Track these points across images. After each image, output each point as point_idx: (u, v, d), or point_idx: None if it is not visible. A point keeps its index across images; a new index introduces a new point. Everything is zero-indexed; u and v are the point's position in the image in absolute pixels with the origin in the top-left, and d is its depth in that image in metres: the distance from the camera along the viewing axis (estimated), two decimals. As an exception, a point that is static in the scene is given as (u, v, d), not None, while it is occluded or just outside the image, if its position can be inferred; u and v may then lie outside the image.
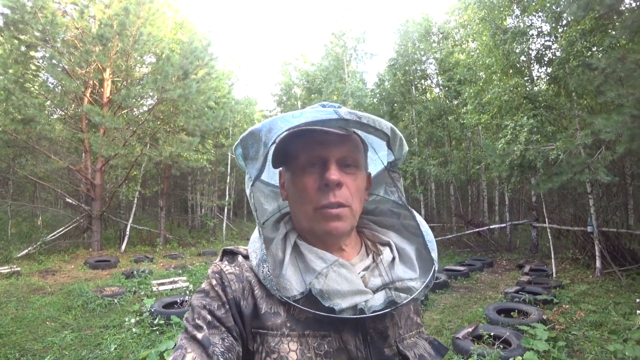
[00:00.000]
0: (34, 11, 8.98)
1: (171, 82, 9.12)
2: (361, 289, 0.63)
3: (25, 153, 10.96)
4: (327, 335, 0.62)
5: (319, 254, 0.65)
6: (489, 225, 11.61)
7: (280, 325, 0.61)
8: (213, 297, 0.63)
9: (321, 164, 0.66)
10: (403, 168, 11.98)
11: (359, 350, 0.63)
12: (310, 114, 0.59)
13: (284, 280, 0.62)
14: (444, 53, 12.83)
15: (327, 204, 0.64)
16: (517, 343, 4.00)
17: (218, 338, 0.58)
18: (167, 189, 13.42)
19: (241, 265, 0.67)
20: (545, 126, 7.27)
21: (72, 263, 9.33)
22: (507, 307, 5.41)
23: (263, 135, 0.61)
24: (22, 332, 4.66)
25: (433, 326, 5.07)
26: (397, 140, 0.68)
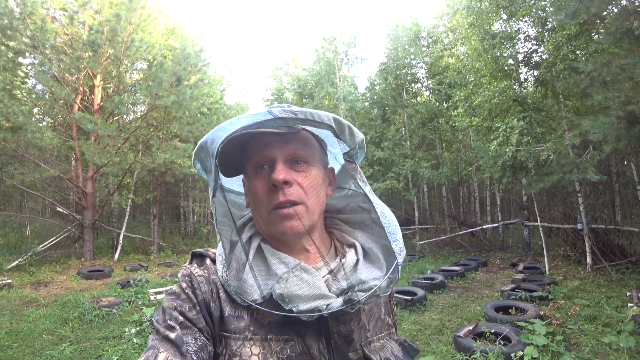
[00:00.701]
0: (23, 17, 8.85)
1: (165, 89, 9.08)
2: (323, 292, 0.62)
3: (14, 161, 10.73)
4: (290, 339, 0.62)
5: (281, 258, 0.65)
6: (481, 226, 11.81)
7: (243, 329, 0.62)
8: (184, 299, 0.63)
9: (269, 165, 0.65)
10: (396, 171, 12.16)
11: (322, 355, 0.62)
12: (245, 119, 0.59)
13: (245, 284, 0.62)
14: (433, 57, 13.06)
15: (278, 204, 0.63)
16: (516, 339, 4.09)
17: (191, 338, 0.59)
18: (159, 197, 13.28)
19: (209, 268, 0.68)
20: (535, 128, 7.48)
21: (64, 274, 9.15)
22: (505, 304, 5.52)
23: (209, 146, 0.62)
24: (18, 347, 4.55)
25: (433, 326, 5.14)
26: (346, 130, 0.67)
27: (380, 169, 12.92)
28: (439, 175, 11.72)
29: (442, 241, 12.16)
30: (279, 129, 0.64)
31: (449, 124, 12.24)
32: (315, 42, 15.22)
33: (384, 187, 11.81)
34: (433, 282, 7.06)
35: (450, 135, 12.63)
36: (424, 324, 5.25)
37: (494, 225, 11.79)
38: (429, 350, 4.31)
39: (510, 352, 3.76)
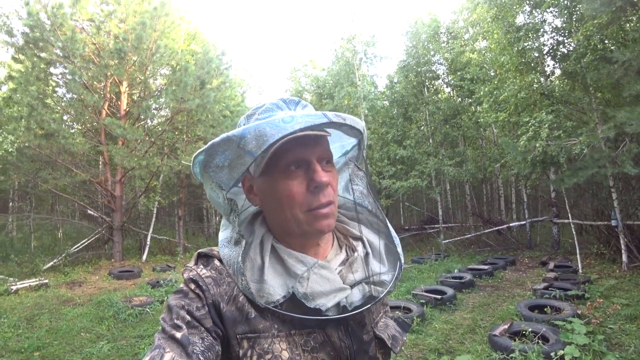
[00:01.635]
0: (54, 29, 9.24)
1: (189, 93, 9.28)
2: (341, 286, 0.65)
3: (47, 167, 11.21)
4: (312, 332, 0.65)
5: (299, 258, 0.66)
6: (508, 224, 11.50)
7: (270, 327, 0.63)
8: (192, 299, 0.63)
9: (304, 166, 0.65)
10: (420, 169, 11.99)
11: (342, 341, 0.66)
12: (302, 119, 0.58)
13: (266, 285, 0.63)
14: (454, 53, 12.82)
15: (319, 205, 0.64)
16: (555, 338, 3.96)
17: (197, 337, 0.59)
18: (184, 198, 13.57)
19: (219, 270, 0.67)
20: (564, 121, 7.23)
21: (96, 274, 9.47)
22: (539, 303, 5.36)
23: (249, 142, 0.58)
24: (59, 344, 4.72)
25: (465, 325, 5.04)
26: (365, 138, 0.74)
27: (403, 167, 12.78)
28: (463, 172, 11.48)
29: (467, 240, 11.91)
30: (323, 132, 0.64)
31: (472, 120, 11.97)
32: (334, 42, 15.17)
33: (408, 185, 11.66)
34: (462, 281, 6.93)
35: (473, 132, 12.34)
36: (455, 323, 5.15)
37: (520, 223, 11.46)
38: (463, 349, 4.23)
39: (550, 351, 3.64)
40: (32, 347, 4.58)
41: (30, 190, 13.74)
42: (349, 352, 0.67)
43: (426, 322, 5.11)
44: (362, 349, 0.69)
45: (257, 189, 0.70)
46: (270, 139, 0.57)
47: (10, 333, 5.06)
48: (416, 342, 4.49)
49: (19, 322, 5.53)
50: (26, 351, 4.48)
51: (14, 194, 15.54)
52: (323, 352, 0.64)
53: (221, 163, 0.62)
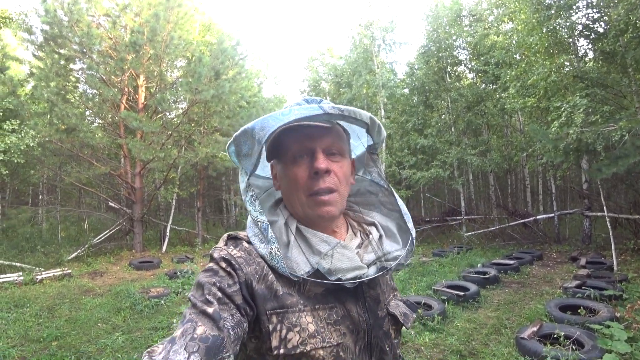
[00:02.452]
0: (71, 25, 9.32)
1: (204, 83, 9.19)
2: (359, 264, 0.72)
3: (70, 161, 11.47)
4: (334, 306, 0.71)
5: (323, 238, 0.72)
6: (535, 216, 10.93)
7: (296, 303, 0.68)
8: (223, 276, 0.66)
9: (310, 155, 0.71)
10: (441, 159, 11.51)
11: (360, 315, 0.73)
12: (298, 111, 0.65)
13: (291, 261, 0.69)
14: (477, 36, 12.15)
15: (318, 190, 0.70)
16: (591, 344, 3.63)
17: (228, 314, 0.61)
18: (202, 190, 13.67)
19: (248, 250, 0.71)
20: (600, 106, 6.65)
21: (117, 264, 9.67)
22: (570, 303, 4.98)
23: (256, 134, 0.67)
24: (76, 334, 4.77)
25: (490, 325, 4.74)
26: (376, 127, 0.77)
27: (424, 157, 12.32)
28: (488, 162, 10.92)
29: (491, 232, 11.43)
30: (324, 123, 0.71)
31: (497, 107, 11.34)
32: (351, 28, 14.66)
33: (429, 175, 11.22)
34: (486, 276, 6.58)
35: (498, 120, 11.70)
36: (479, 322, 4.86)
37: (548, 215, 10.87)
38: (487, 352, 3.95)
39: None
40: (50, 336, 4.64)
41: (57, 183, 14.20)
42: (366, 325, 0.74)
43: (447, 320, 4.85)
44: (377, 323, 0.77)
45: (277, 175, 0.79)
46: (270, 128, 0.65)
47: (32, 322, 5.17)
48: (437, 342, 4.24)
49: (41, 311, 5.65)
50: (45, 340, 4.54)
51: (43, 187, 16.14)
52: (343, 325, 0.71)
53: (246, 152, 0.71)
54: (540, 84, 7.64)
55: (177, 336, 0.57)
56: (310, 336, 0.66)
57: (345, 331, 0.70)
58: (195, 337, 0.57)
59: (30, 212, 12.47)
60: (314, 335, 0.66)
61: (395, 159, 12.61)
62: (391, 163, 12.57)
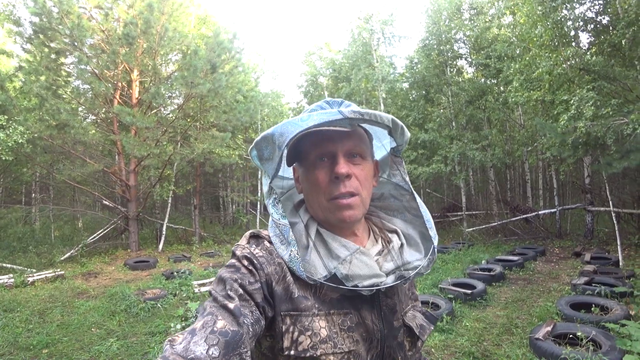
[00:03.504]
0: (61, 16, 8.98)
1: (200, 77, 8.90)
2: (378, 272, 0.71)
3: (62, 159, 11.15)
4: (349, 312, 0.70)
5: (342, 243, 0.72)
6: (537, 211, 10.82)
7: (311, 307, 0.68)
8: (245, 274, 0.66)
9: (330, 158, 0.71)
10: (443, 154, 11.33)
11: (375, 324, 0.73)
12: (317, 117, 0.64)
13: (309, 264, 0.68)
14: (478, 30, 11.95)
15: (339, 195, 0.70)
16: (609, 344, 3.47)
17: (248, 310, 0.62)
18: (199, 187, 13.40)
19: (269, 250, 0.71)
20: (608, 99, 6.50)
21: (112, 264, 9.42)
22: (581, 300, 4.85)
23: (277, 139, 0.67)
24: (68, 340, 4.52)
25: (500, 324, 4.59)
26: (399, 129, 0.74)
27: (425, 152, 12.14)
28: (491, 157, 10.76)
29: (492, 228, 11.31)
30: (345, 127, 0.69)
31: (499, 101, 11.17)
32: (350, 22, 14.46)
33: (430, 171, 11.05)
34: (491, 273, 6.44)
35: (500, 114, 11.53)
36: (488, 321, 4.71)
37: (551, 210, 10.76)
38: (501, 353, 3.79)
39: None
40: (41, 343, 4.41)
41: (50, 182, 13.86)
42: (380, 335, 0.73)
43: (456, 319, 4.69)
44: (392, 333, 0.75)
45: (300, 178, 0.78)
46: (289, 135, 0.65)
47: (21, 328, 4.91)
48: (447, 343, 4.08)
49: (31, 316, 5.40)
50: (35, 348, 4.31)
51: (36, 185, 15.78)
52: (357, 332, 0.70)
53: (267, 156, 0.71)
54: (545, 77, 7.46)
55: (197, 328, 0.58)
56: (322, 341, 0.66)
57: (358, 338, 0.70)
58: (215, 330, 0.57)
59: (23, 211, 12.15)
60: (326, 340, 0.66)
61: (396, 154, 12.41)
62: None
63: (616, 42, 6.78)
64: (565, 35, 7.94)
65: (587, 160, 9.29)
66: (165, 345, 0.56)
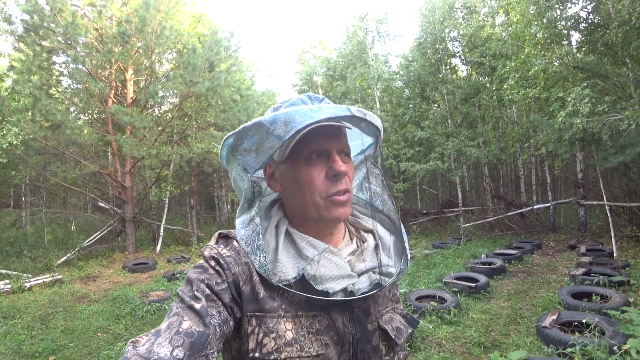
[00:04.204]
0: (53, 14, 8.81)
1: (198, 75, 8.84)
2: (349, 273, 0.69)
3: (55, 160, 10.94)
4: (318, 315, 0.67)
5: (310, 242, 0.70)
6: (532, 206, 11.04)
7: (277, 308, 0.66)
8: (212, 274, 0.65)
9: (325, 155, 0.69)
10: (439, 151, 11.49)
11: (346, 327, 0.69)
12: (328, 110, 0.62)
13: (280, 265, 0.66)
14: (472, 28, 12.12)
15: (337, 192, 0.68)
16: (612, 330, 3.60)
17: (215, 311, 0.61)
18: (196, 187, 13.30)
19: (237, 250, 0.70)
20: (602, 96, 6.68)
21: (110, 267, 9.29)
22: (582, 290, 5.01)
23: (278, 128, 0.62)
24: (74, 346, 4.43)
25: (505, 315, 4.70)
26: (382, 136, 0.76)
27: (422, 149, 12.28)
28: (487, 154, 10.94)
29: (489, 223, 11.50)
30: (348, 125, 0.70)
31: (493, 99, 11.36)
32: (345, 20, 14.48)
33: (428, 168, 11.18)
34: (492, 267, 6.57)
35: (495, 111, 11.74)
36: (494, 313, 4.82)
37: (546, 205, 10.99)
38: (510, 342, 3.89)
39: (611, 345, 3.29)
40: (47, 350, 4.31)
41: (41, 184, 13.57)
42: (352, 338, 0.70)
43: (462, 312, 4.79)
44: (365, 337, 0.72)
45: (279, 175, 0.73)
46: (298, 125, 0.61)
47: (24, 335, 4.79)
48: (456, 335, 4.17)
49: (33, 322, 5.27)
50: (41, 355, 4.21)
51: (26, 188, 15.44)
52: (327, 335, 0.67)
53: (249, 147, 0.67)
54: (540, 75, 7.63)
55: (162, 329, 0.57)
56: (287, 344, 0.64)
57: (328, 342, 0.67)
58: (180, 331, 0.56)
59: (14, 215, 11.88)
60: (291, 343, 0.64)
61: (393, 152, 12.53)
62: (388, 156, 12.49)
63: (608, 41, 6.96)
64: (558, 34, 8.12)
65: (580, 156, 9.52)
66: (127, 347, 0.54)
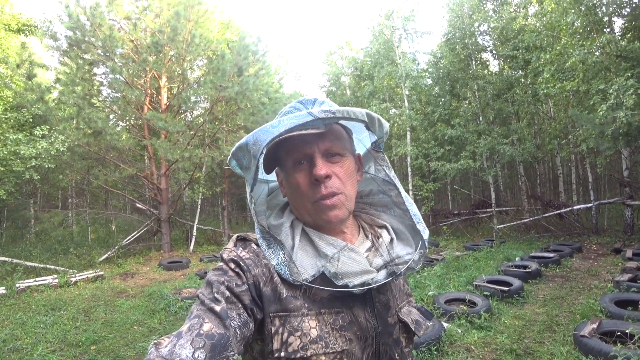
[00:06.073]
0: (93, 29, 9.41)
1: (228, 80, 9.13)
2: (368, 268, 0.70)
3: (97, 164, 11.66)
4: (340, 311, 0.69)
5: (329, 241, 0.71)
6: (571, 206, 10.42)
7: (300, 307, 0.67)
8: (232, 276, 0.66)
9: (309, 161, 0.70)
10: (470, 149, 11.10)
11: (368, 322, 0.71)
12: (287, 121, 0.63)
13: (297, 265, 0.68)
14: (503, 21, 11.62)
15: (321, 197, 0.69)
16: (661, 343, 3.33)
17: (235, 313, 0.62)
18: (227, 189, 13.69)
19: (256, 252, 0.71)
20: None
21: (147, 265, 9.77)
22: (627, 298, 4.65)
23: (250, 148, 0.66)
24: (113, 337, 4.72)
25: (540, 321, 4.47)
26: (375, 122, 0.73)
27: (453, 148, 11.92)
28: (522, 151, 10.42)
29: (524, 224, 10.97)
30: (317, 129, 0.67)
31: (528, 94, 10.81)
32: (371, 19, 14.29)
33: (458, 167, 10.83)
34: (527, 270, 6.27)
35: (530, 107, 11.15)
36: (527, 318, 4.60)
37: (587, 205, 10.33)
38: (544, 351, 3.70)
39: (659, 359, 3.05)
40: (89, 340, 4.62)
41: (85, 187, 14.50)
42: (374, 332, 0.71)
43: (494, 317, 4.61)
44: (386, 330, 0.74)
45: (283, 182, 0.77)
46: (262, 143, 0.64)
47: (69, 325, 5.18)
48: (486, 341, 4.02)
49: (77, 314, 5.69)
50: (83, 344, 4.53)
51: (72, 191, 16.60)
52: (350, 331, 0.68)
53: (246, 165, 0.71)
54: (578, 66, 7.19)
55: (183, 331, 0.58)
56: (312, 341, 0.65)
57: (352, 337, 0.69)
58: (201, 333, 0.57)
59: (61, 216, 12.77)
60: (316, 340, 0.65)
61: (422, 151, 12.25)
62: (417, 155, 12.22)
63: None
64: (599, 21, 7.62)
65: (626, 152, 8.87)
66: (150, 348, 0.55)
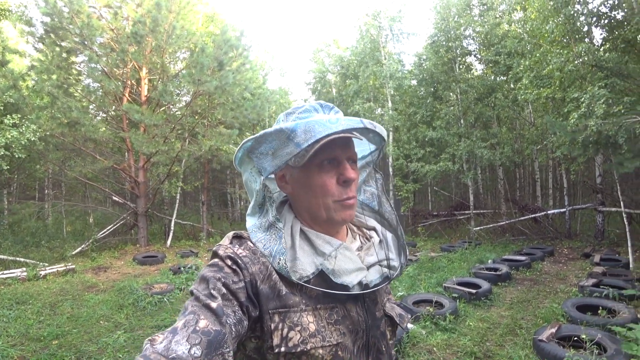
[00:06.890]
0: (71, 16, 9.11)
1: (207, 74, 8.97)
2: (361, 266, 0.76)
3: (74, 155, 11.36)
4: (335, 306, 0.73)
5: (326, 239, 0.75)
6: (546, 211, 10.66)
7: (299, 303, 0.69)
8: (228, 273, 0.67)
9: (336, 162, 0.74)
10: (450, 152, 11.22)
11: (360, 316, 0.76)
12: (345, 122, 0.68)
13: (299, 263, 0.70)
14: (488, 25, 11.77)
15: (347, 197, 0.74)
16: (614, 348, 3.43)
17: (230, 310, 0.63)
18: (207, 184, 13.53)
19: (253, 250, 0.72)
20: (620, 97, 6.34)
21: (121, 259, 9.58)
22: (588, 303, 4.78)
23: (298, 135, 0.67)
24: (77, 332, 4.64)
25: (504, 324, 4.56)
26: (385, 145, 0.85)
27: (433, 149, 12.04)
28: (500, 155, 10.60)
29: (500, 227, 11.18)
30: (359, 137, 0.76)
31: (508, 99, 10.99)
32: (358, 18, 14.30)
33: (438, 169, 10.95)
34: (497, 273, 6.38)
35: (510, 112, 11.34)
36: (492, 321, 4.68)
37: (560, 210, 10.59)
38: (503, 354, 3.77)
39: (610, 364, 3.14)
40: (51, 335, 4.52)
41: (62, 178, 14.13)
42: (364, 326, 0.77)
43: (460, 319, 4.67)
44: (375, 324, 0.79)
45: (291, 178, 0.78)
46: (317, 134, 0.66)
47: (33, 320, 5.04)
48: (449, 343, 4.07)
49: (43, 308, 5.54)
50: (45, 339, 4.42)
51: (49, 182, 16.14)
52: (343, 325, 0.73)
53: (265, 151, 0.71)
54: (555, 74, 7.33)
55: (178, 327, 0.57)
56: (311, 335, 0.68)
57: (344, 331, 0.72)
58: (197, 329, 0.57)
59: (36, 207, 12.42)
60: (315, 334, 0.68)
61: (403, 152, 12.34)
62: (399, 156, 12.31)
63: (630, 37, 6.61)
64: (577, 30, 7.78)
65: (599, 160, 9.11)
66: (145, 344, 0.55)
